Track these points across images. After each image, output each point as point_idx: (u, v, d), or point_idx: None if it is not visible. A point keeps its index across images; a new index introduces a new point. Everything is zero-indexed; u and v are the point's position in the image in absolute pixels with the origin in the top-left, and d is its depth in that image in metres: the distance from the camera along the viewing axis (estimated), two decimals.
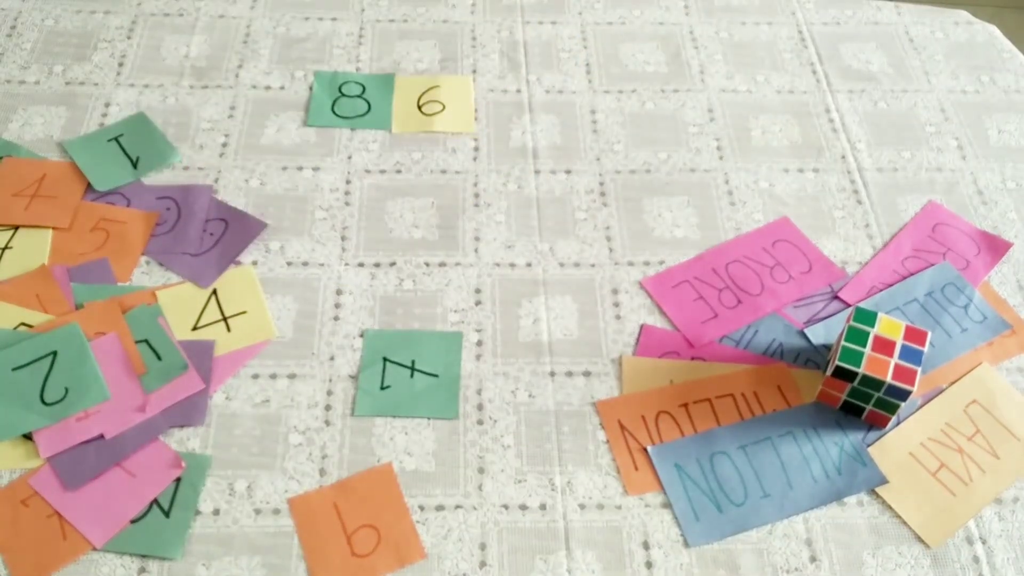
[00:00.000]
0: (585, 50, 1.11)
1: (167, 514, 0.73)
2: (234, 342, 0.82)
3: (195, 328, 0.83)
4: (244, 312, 0.84)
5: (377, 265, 0.89)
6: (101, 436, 0.76)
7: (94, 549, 0.71)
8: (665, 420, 0.80)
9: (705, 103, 1.05)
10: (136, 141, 0.98)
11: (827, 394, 0.80)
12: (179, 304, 0.85)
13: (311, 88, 1.04)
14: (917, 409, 0.81)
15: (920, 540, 0.74)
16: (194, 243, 0.89)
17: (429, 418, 0.79)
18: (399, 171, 0.97)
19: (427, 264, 0.90)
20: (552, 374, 0.83)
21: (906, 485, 0.76)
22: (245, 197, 0.94)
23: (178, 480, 0.74)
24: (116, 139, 0.98)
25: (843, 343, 0.77)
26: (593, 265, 0.90)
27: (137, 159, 0.96)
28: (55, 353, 0.79)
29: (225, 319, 0.84)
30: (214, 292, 0.86)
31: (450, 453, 0.78)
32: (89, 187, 0.93)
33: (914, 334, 0.78)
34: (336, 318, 0.85)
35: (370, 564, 0.71)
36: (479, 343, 0.84)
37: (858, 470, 0.77)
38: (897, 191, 0.98)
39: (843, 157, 1.01)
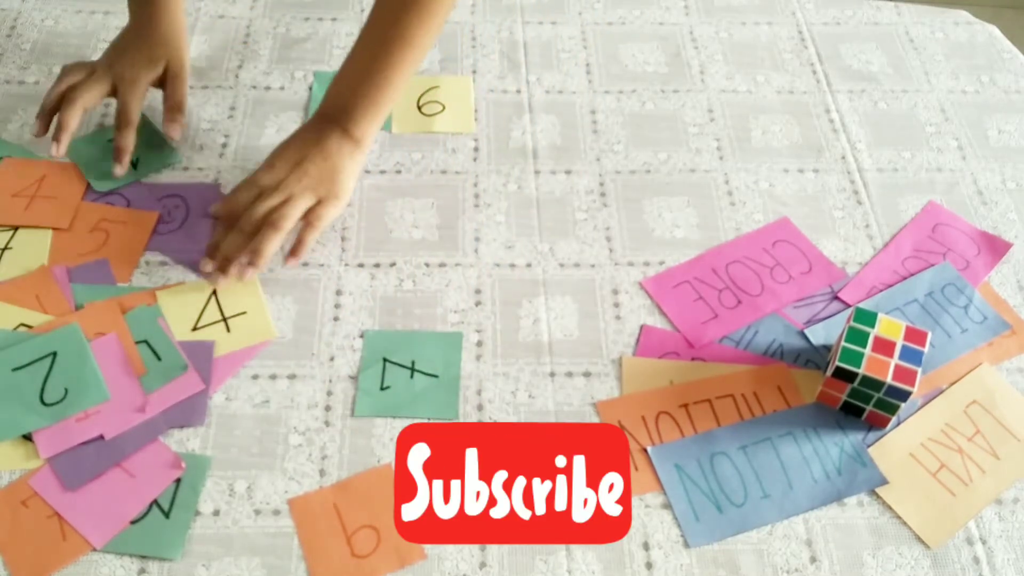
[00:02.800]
0: (585, 50, 1.11)
1: (167, 515, 0.73)
2: (234, 343, 0.82)
3: (195, 328, 0.83)
4: (244, 313, 0.84)
5: (377, 265, 0.89)
6: (101, 436, 0.76)
7: (94, 550, 0.71)
8: (665, 420, 0.80)
9: (705, 103, 1.05)
10: (136, 141, 0.97)
11: (827, 395, 0.80)
12: (179, 304, 0.85)
13: (311, 88, 1.04)
14: (917, 410, 0.81)
15: (920, 541, 0.74)
16: (203, 241, 0.89)
17: (429, 418, 0.79)
18: (399, 171, 0.97)
19: (427, 264, 0.90)
20: (552, 374, 0.83)
21: (906, 486, 0.76)
22: None
23: (178, 481, 0.74)
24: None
25: (843, 344, 0.77)
26: (593, 265, 0.90)
27: (137, 160, 0.96)
28: (55, 353, 0.79)
29: (225, 319, 0.84)
30: (214, 293, 0.86)
31: None
32: (89, 187, 0.93)
33: (914, 335, 0.78)
34: (336, 319, 0.85)
35: (370, 565, 0.71)
36: (479, 343, 0.84)
37: (858, 471, 0.77)
38: (897, 191, 0.98)
39: (843, 157, 1.01)
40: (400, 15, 0.88)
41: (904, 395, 0.76)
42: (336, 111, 0.90)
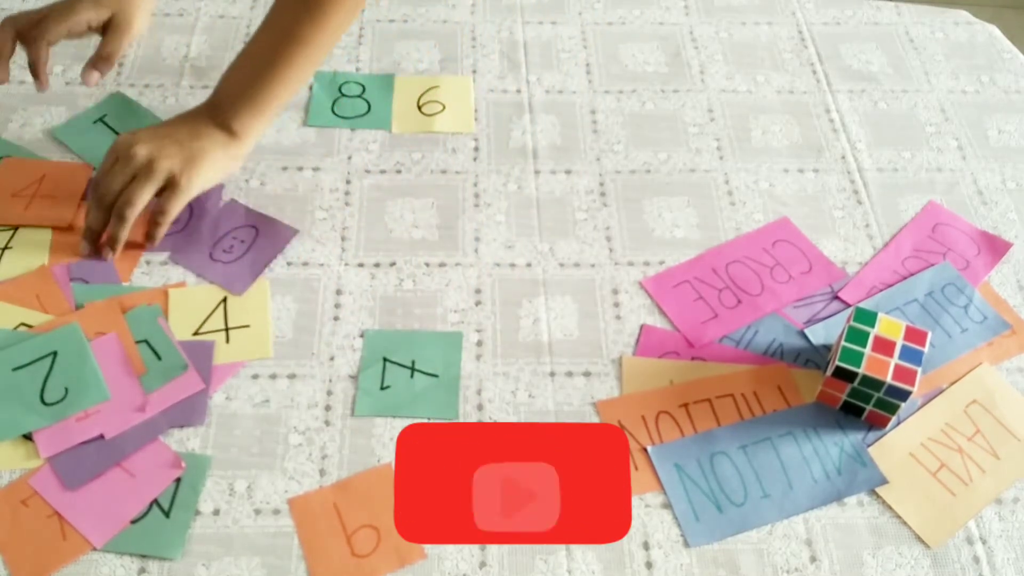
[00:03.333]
0: (585, 50, 1.11)
1: (167, 514, 0.73)
2: (230, 355, 0.82)
3: (196, 333, 0.83)
4: (247, 326, 0.84)
5: (377, 265, 0.89)
6: (101, 436, 0.76)
7: (94, 549, 0.71)
8: (665, 420, 0.80)
9: (705, 103, 1.05)
10: (122, 119, 0.99)
11: (827, 394, 0.80)
12: (187, 306, 0.84)
13: (311, 88, 1.04)
14: (917, 409, 0.81)
15: (920, 540, 0.74)
16: (207, 241, 0.89)
17: (429, 418, 0.79)
18: (399, 171, 0.97)
19: (427, 264, 0.90)
20: (552, 374, 0.83)
21: (906, 485, 0.76)
22: (245, 197, 0.94)
23: (178, 480, 0.74)
24: (101, 119, 0.99)
25: (843, 343, 0.77)
26: (593, 265, 0.90)
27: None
28: (55, 353, 0.79)
29: (227, 329, 0.83)
30: (224, 300, 0.85)
31: None
32: (89, 186, 0.93)
33: (914, 334, 0.78)
34: (336, 318, 0.85)
35: (370, 564, 0.71)
36: (479, 343, 0.84)
37: (858, 470, 0.77)
38: (897, 191, 0.98)
39: (843, 157, 1.01)
40: (299, 14, 0.86)
41: (904, 395, 0.76)
42: (221, 101, 0.89)
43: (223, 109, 0.88)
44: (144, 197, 0.84)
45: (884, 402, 0.77)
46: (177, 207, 0.86)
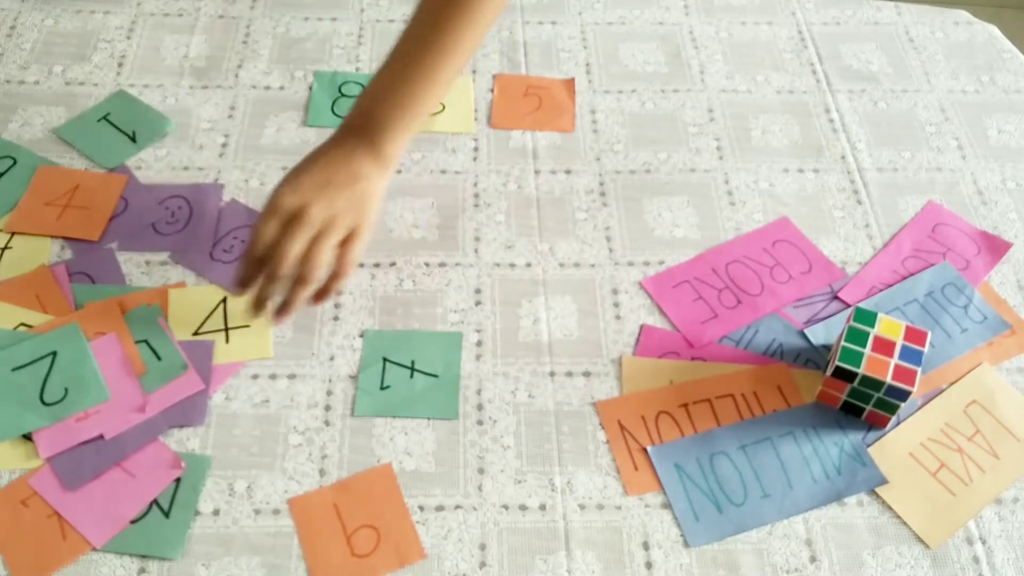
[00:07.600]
0: (585, 50, 1.11)
1: (167, 514, 0.73)
2: (230, 355, 0.82)
3: (196, 333, 0.83)
4: (247, 326, 0.84)
5: (377, 265, 0.89)
6: (101, 436, 0.76)
7: (94, 549, 0.71)
8: (665, 420, 0.80)
9: (705, 103, 1.05)
10: (126, 117, 0.99)
11: (827, 394, 0.80)
12: (187, 306, 0.84)
13: (311, 88, 1.04)
14: (917, 409, 0.81)
15: (920, 540, 0.74)
16: (208, 241, 0.89)
17: (429, 418, 0.79)
18: (399, 171, 0.97)
19: (427, 264, 0.90)
20: (552, 374, 0.83)
21: (906, 485, 0.76)
22: (245, 197, 0.94)
23: (178, 480, 0.74)
24: (105, 118, 0.99)
25: (843, 343, 0.77)
26: (593, 265, 0.90)
27: (133, 133, 0.97)
28: (55, 353, 0.79)
29: (227, 329, 0.83)
30: (224, 300, 0.85)
31: (450, 453, 0.78)
32: (121, 198, 0.93)
33: (914, 334, 0.78)
34: (336, 318, 0.85)
35: (370, 564, 0.71)
36: (479, 343, 0.84)
37: (858, 470, 0.77)
38: (897, 191, 0.98)
39: (843, 157, 1.01)
40: (447, 13, 0.79)
41: (904, 395, 0.76)
42: (367, 122, 0.81)
43: (374, 132, 0.80)
44: (327, 258, 0.78)
45: (884, 402, 0.77)
46: (360, 254, 0.80)
